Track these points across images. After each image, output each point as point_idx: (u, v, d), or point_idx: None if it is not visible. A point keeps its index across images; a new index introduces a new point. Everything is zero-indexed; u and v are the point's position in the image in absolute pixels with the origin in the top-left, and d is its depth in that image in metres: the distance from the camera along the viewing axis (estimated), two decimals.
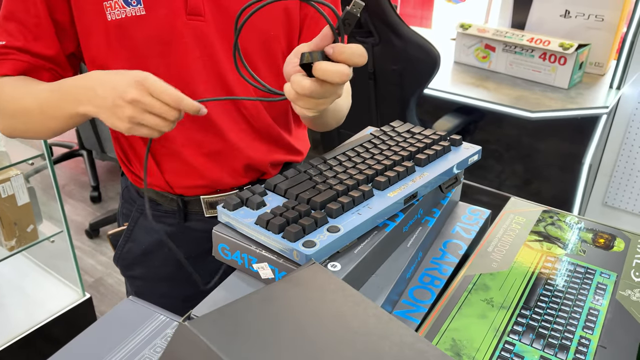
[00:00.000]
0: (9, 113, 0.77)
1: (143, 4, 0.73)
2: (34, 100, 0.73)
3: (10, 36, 0.75)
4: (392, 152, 0.72)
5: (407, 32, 1.59)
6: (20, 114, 0.75)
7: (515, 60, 1.92)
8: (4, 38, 0.75)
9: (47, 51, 0.76)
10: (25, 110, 0.74)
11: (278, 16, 0.79)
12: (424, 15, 3.40)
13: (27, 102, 0.73)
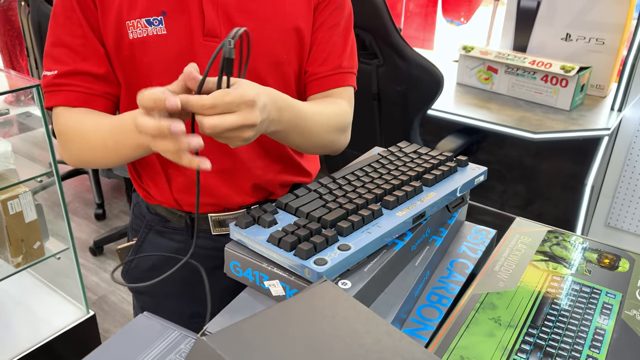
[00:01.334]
0: (75, 147, 0.79)
1: (164, 24, 0.75)
2: (96, 136, 0.75)
3: (60, 63, 0.78)
4: (400, 172, 0.73)
5: (411, 54, 1.62)
6: (85, 148, 0.78)
7: (518, 82, 1.95)
8: (55, 67, 0.78)
9: (96, 69, 0.79)
10: (90, 146, 0.77)
11: (290, 39, 0.82)
12: (426, 37, 3.45)
13: (91, 138, 0.76)
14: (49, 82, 0.78)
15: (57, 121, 0.80)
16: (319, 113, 0.81)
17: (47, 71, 0.79)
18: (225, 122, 0.58)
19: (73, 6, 0.76)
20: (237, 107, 0.58)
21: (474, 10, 3.60)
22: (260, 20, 0.79)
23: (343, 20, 0.87)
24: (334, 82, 0.87)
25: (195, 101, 0.58)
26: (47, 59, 0.79)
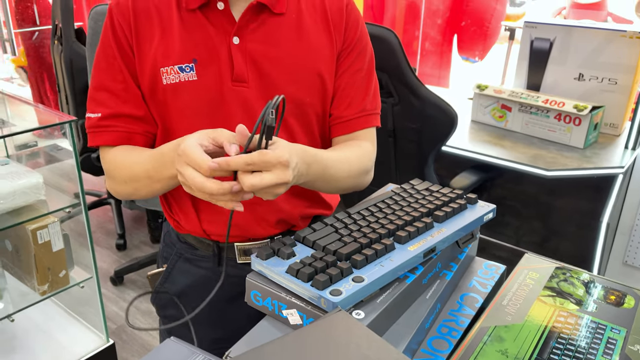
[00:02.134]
0: (121, 180, 0.87)
1: (195, 71, 0.82)
2: (140, 168, 0.82)
3: (102, 106, 0.86)
4: (412, 208, 0.77)
5: (425, 93, 1.68)
6: (130, 180, 0.85)
7: (531, 120, 1.99)
8: (98, 110, 0.86)
9: (136, 111, 0.86)
10: (134, 178, 0.84)
11: (314, 84, 0.87)
12: (441, 75, 3.53)
13: (135, 171, 0.83)
14: (94, 124, 0.85)
15: (104, 159, 0.87)
16: (344, 160, 0.87)
17: (91, 113, 0.86)
18: (263, 181, 0.66)
19: (114, 54, 0.84)
20: (273, 166, 0.66)
21: (489, 48, 3.67)
22: (285, 66, 0.85)
23: (365, 64, 0.93)
24: (358, 124, 0.93)
25: (237, 160, 0.66)
26: (90, 102, 0.86)
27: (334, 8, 0.90)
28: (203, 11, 0.84)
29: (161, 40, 0.83)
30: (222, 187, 0.66)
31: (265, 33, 0.85)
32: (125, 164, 0.85)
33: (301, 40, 0.87)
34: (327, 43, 0.88)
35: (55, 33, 2.51)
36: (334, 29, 0.89)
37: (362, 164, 0.92)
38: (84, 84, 2.36)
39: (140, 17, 0.84)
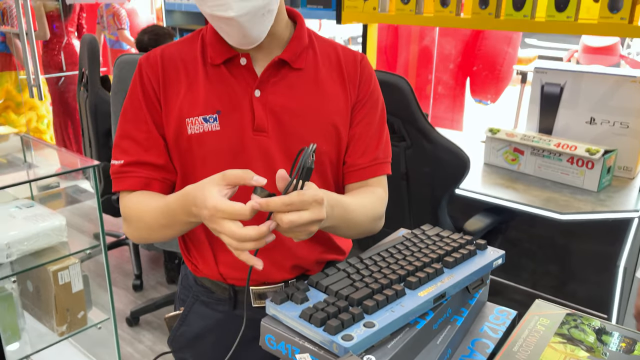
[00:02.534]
0: (136, 225, 0.91)
1: (219, 121, 0.87)
2: (155, 215, 0.86)
3: (126, 154, 0.91)
4: (422, 254, 0.79)
5: (437, 137, 1.71)
6: (145, 226, 0.89)
7: (544, 164, 2.00)
8: (122, 157, 0.91)
9: (157, 160, 0.91)
10: (149, 224, 0.89)
11: (329, 133, 0.92)
12: (455, 118, 3.57)
13: (150, 217, 0.87)
14: (117, 170, 0.90)
15: (122, 203, 0.92)
16: (362, 205, 0.91)
17: (115, 160, 0.91)
18: (301, 218, 0.70)
19: (141, 105, 0.89)
20: (309, 205, 0.70)
21: (501, 90, 3.72)
22: (303, 117, 0.90)
23: (377, 116, 0.98)
24: (371, 172, 0.97)
25: (276, 202, 0.70)
26: (115, 149, 0.91)
27: (349, 64, 0.95)
28: (227, 66, 0.90)
29: (187, 92, 0.89)
30: (260, 230, 0.70)
31: (285, 86, 0.90)
32: (140, 210, 0.89)
33: (318, 93, 0.92)
34: (342, 96, 0.93)
35: (81, 79, 2.63)
36: (348, 82, 0.94)
37: (376, 209, 0.96)
38: (107, 128, 2.45)
39: (168, 71, 0.90)
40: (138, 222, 0.90)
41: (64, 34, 3.85)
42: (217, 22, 0.83)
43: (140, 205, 0.89)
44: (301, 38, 0.93)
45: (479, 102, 3.83)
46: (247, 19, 0.80)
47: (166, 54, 0.92)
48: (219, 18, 0.81)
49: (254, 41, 0.85)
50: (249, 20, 0.81)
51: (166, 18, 3.25)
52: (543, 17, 1.95)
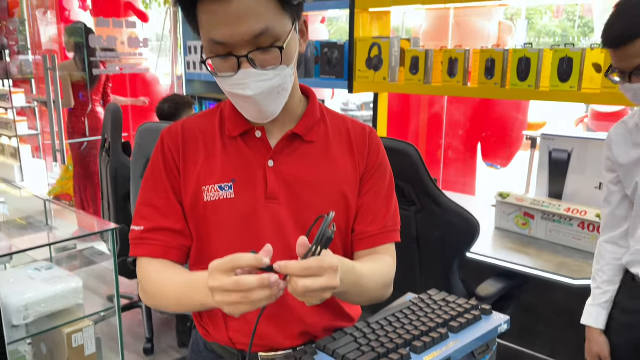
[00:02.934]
0: (153, 295, 0.95)
1: (234, 190, 0.92)
2: (171, 291, 0.91)
3: (145, 220, 0.96)
4: (428, 319, 0.81)
5: (446, 202, 1.75)
6: (162, 298, 0.94)
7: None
8: (142, 223, 0.96)
9: (175, 225, 0.96)
10: (166, 297, 0.93)
11: (338, 202, 0.97)
12: (467, 182, 3.60)
13: (167, 292, 0.92)
14: (136, 236, 0.95)
15: (140, 269, 0.96)
16: (372, 272, 0.94)
17: (135, 226, 0.96)
18: (316, 284, 0.73)
19: (161, 174, 0.95)
20: (325, 271, 0.74)
21: (512, 155, 3.77)
22: (313, 186, 0.95)
23: (386, 185, 1.03)
24: (380, 240, 1.01)
25: (294, 266, 0.73)
26: (136, 215, 0.96)
27: (358, 136, 1.01)
28: (243, 138, 0.96)
29: (205, 162, 0.95)
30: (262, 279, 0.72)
31: (297, 158, 0.96)
32: (159, 283, 0.93)
33: (328, 164, 0.97)
34: (351, 166, 0.99)
35: (104, 145, 2.74)
36: (357, 154, 1.00)
37: (386, 277, 0.99)
38: (126, 192, 2.52)
39: (188, 142, 0.97)
40: (156, 293, 0.93)
41: (89, 102, 4.04)
42: (236, 99, 0.90)
43: (160, 277, 0.93)
44: (313, 113, 0.99)
45: (490, 166, 3.88)
46: (264, 97, 0.87)
47: (187, 126, 0.99)
48: (237, 96, 0.88)
49: (269, 117, 0.92)
50: (265, 98, 0.87)
51: (186, 87, 3.40)
52: (547, 87, 2.02)
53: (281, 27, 0.86)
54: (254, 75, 0.85)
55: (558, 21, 15.05)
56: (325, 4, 2.64)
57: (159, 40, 6.76)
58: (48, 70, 3.56)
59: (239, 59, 0.85)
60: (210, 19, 0.84)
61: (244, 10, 0.82)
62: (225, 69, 0.87)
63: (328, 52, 2.59)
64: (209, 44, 0.86)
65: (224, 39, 0.84)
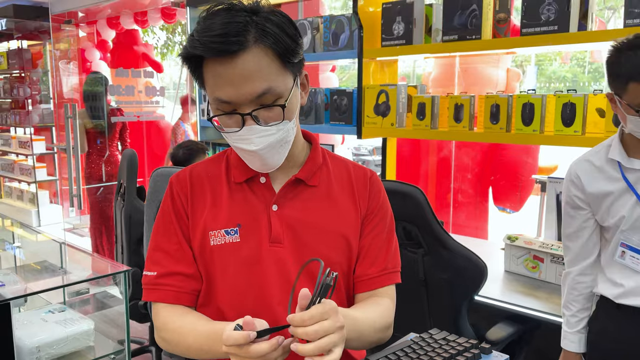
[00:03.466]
0: (173, 343, 0.97)
1: (239, 234, 0.96)
2: (193, 340, 0.93)
3: (158, 265, 0.99)
4: (428, 357, 0.83)
5: (453, 244, 1.76)
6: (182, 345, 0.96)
7: None
8: (154, 269, 1.00)
9: (187, 270, 0.99)
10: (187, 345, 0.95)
11: (340, 245, 1.00)
12: (478, 226, 3.60)
13: (189, 341, 0.94)
14: (149, 281, 0.98)
15: (157, 315, 0.98)
16: (369, 317, 0.96)
17: (147, 271, 0.99)
18: (323, 326, 0.76)
19: (171, 219, 1.00)
20: (327, 315, 0.77)
21: (524, 200, 3.77)
22: (316, 229, 0.98)
23: (386, 228, 1.06)
24: (380, 282, 1.03)
25: (300, 316, 0.77)
26: (148, 261, 1.00)
27: (359, 180, 1.05)
28: (248, 184, 1.01)
29: (212, 207, 0.99)
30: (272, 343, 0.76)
31: (300, 202, 1.00)
32: (179, 331, 0.95)
33: (330, 207, 1.01)
34: (352, 209, 1.02)
35: (119, 190, 2.81)
36: (358, 197, 1.04)
37: (385, 321, 1.00)
38: (139, 236, 2.57)
39: (195, 188, 1.01)
40: (176, 342, 0.95)
41: (106, 148, 4.16)
42: (241, 153, 0.95)
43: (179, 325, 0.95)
44: (316, 158, 1.04)
45: (502, 210, 3.87)
46: (267, 151, 0.92)
47: (194, 173, 1.04)
48: (242, 150, 0.93)
49: (272, 168, 0.96)
50: (268, 151, 0.92)
51: (200, 133, 3.50)
52: (552, 131, 2.06)
53: (283, 85, 0.90)
54: (258, 131, 0.90)
55: (568, 67, 15.24)
56: (335, 54, 2.74)
57: (175, 89, 6.97)
58: (68, 118, 3.70)
59: (243, 116, 0.89)
60: (215, 79, 0.89)
61: (248, 72, 0.87)
62: (230, 124, 0.92)
63: (337, 99, 2.67)
64: (215, 102, 0.91)
65: (228, 98, 0.89)
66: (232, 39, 0.86)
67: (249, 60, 0.87)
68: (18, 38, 6.18)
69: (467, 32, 2.20)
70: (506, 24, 2.22)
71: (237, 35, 0.86)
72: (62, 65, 4.89)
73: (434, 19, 2.37)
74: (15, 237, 2.88)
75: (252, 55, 0.87)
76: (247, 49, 0.87)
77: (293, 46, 0.91)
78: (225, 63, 0.87)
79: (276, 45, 0.89)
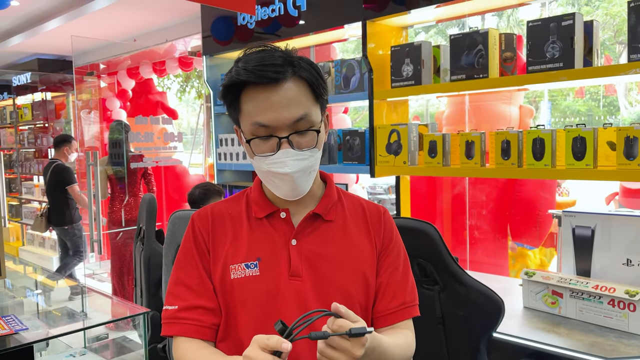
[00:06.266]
0: None
1: (259, 267, 0.99)
2: None
3: (179, 299, 1.02)
4: None
5: (469, 280, 1.76)
6: None
7: (585, 307, 1.97)
8: (176, 303, 1.02)
9: (208, 304, 1.02)
10: None
11: (358, 279, 1.03)
12: (498, 263, 3.56)
13: None
14: (170, 315, 1.01)
15: (176, 348, 1.01)
16: (396, 345, 0.99)
17: (168, 305, 1.02)
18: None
19: (193, 254, 1.03)
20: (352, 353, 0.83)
21: (544, 235, 3.73)
22: (334, 262, 1.02)
23: (401, 262, 1.09)
24: (401, 316, 1.06)
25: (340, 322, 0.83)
26: (169, 295, 1.03)
27: (373, 216, 1.09)
28: (268, 219, 1.05)
29: (232, 242, 1.03)
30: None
31: (318, 236, 1.04)
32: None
33: (347, 241, 1.05)
34: (368, 245, 1.06)
35: (138, 234, 2.86)
36: (374, 233, 1.07)
37: (409, 350, 1.03)
38: (158, 278, 2.60)
39: (217, 224, 1.05)
40: None
41: (125, 194, 4.26)
42: (272, 177, 1.00)
43: (200, 356, 0.97)
44: (331, 195, 1.08)
45: (521, 246, 3.83)
46: (299, 175, 0.97)
47: (216, 210, 1.08)
48: (275, 174, 0.98)
49: (300, 194, 1.01)
50: (300, 176, 0.98)
51: (217, 176, 3.57)
52: (563, 165, 2.08)
53: (315, 115, 0.99)
54: (292, 155, 0.96)
55: (582, 101, 15.27)
56: (347, 96, 2.82)
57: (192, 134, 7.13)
58: (90, 165, 3.81)
59: (280, 139, 0.96)
60: (255, 105, 0.97)
61: (287, 98, 0.96)
62: (264, 149, 0.98)
63: (350, 139, 2.73)
64: (252, 127, 0.98)
65: (268, 122, 0.96)
66: (273, 68, 0.95)
67: (289, 89, 0.96)
68: (42, 90, 6.44)
69: (475, 72, 2.26)
70: (513, 62, 2.28)
71: (277, 65, 0.96)
72: (83, 114, 5.07)
73: (442, 60, 2.44)
74: (37, 283, 2.93)
75: (291, 84, 0.97)
76: (286, 78, 0.97)
77: (323, 83, 1.01)
78: (267, 90, 0.96)
79: (311, 77, 0.99)
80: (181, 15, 4.16)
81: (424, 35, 12.55)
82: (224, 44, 3.41)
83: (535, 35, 2.09)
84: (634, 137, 1.90)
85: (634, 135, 1.90)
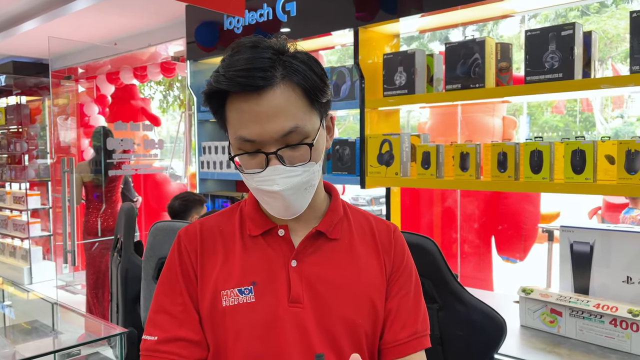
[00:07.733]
0: None
1: (254, 293, 0.87)
2: None
3: (159, 329, 0.89)
4: None
5: (469, 299, 1.67)
6: None
7: (585, 326, 1.90)
8: (155, 333, 0.89)
9: (192, 335, 0.89)
10: None
11: (365, 306, 0.91)
12: (483, 277, 3.50)
13: None
14: (149, 347, 0.88)
15: None
16: None
17: (148, 335, 0.89)
18: None
19: (177, 277, 0.91)
20: None
21: (528, 248, 3.69)
22: (337, 288, 0.90)
23: (413, 287, 0.97)
24: (411, 348, 0.94)
25: None
26: (149, 323, 0.90)
27: (383, 235, 0.98)
28: (264, 237, 0.92)
29: (224, 264, 0.90)
30: None
31: (321, 256, 0.92)
32: None
33: (353, 264, 0.93)
34: (377, 267, 0.94)
35: (115, 246, 2.72)
36: (383, 254, 0.96)
37: None
38: (136, 293, 2.46)
39: (206, 243, 0.93)
40: None
41: (102, 203, 4.09)
42: (262, 195, 0.88)
43: None
44: (337, 210, 0.97)
45: (506, 260, 3.79)
46: (291, 193, 0.85)
47: (205, 226, 0.95)
48: (264, 192, 0.86)
49: (295, 213, 0.89)
50: (293, 194, 0.85)
51: (200, 185, 3.45)
52: (562, 179, 2.01)
53: (310, 124, 0.86)
54: (282, 172, 0.84)
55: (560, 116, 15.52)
56: (337, 105, 2.73)
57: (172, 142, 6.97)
58: (65, 172, 3.64)
59: (268, 155, 0.84)
60: (239, 117, 0.84)
61: (274, 109, 0.82)
62: (252, 165, 0.86)
63: (339, 149, 2.64)
64: (238, 141, 0.86)
65: (252, 137, 0.84)
66: (258, 74, 0.82)
67: (275, 97, 0.82)
68: (17, 94, 6.22)
69: (471, 81, 2.19)
70: (508, 73, 2.22)
71: (264, 70, 0.82)
72: (59, 120, 4.89)
73: (435, 69, 2.37)
74: (6, 295, 2.76)
75: (279, 92, 0.83)
76: (273, 85, 0.83)
77: (321, 85, 0.87)
78: (250, 99, 0.82)
79: (304, 82, 0.85)
80: (165, 19, 4.04)
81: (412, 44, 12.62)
82: (209, 50, 3.31)
83: (533, 45, 2.03)
84: (636, 151, 1.84)
85: (635, 149, 1.84)
